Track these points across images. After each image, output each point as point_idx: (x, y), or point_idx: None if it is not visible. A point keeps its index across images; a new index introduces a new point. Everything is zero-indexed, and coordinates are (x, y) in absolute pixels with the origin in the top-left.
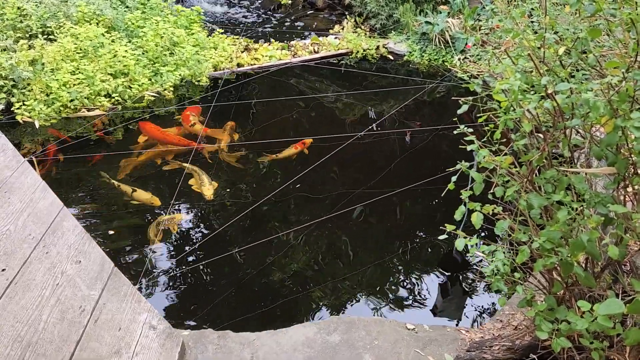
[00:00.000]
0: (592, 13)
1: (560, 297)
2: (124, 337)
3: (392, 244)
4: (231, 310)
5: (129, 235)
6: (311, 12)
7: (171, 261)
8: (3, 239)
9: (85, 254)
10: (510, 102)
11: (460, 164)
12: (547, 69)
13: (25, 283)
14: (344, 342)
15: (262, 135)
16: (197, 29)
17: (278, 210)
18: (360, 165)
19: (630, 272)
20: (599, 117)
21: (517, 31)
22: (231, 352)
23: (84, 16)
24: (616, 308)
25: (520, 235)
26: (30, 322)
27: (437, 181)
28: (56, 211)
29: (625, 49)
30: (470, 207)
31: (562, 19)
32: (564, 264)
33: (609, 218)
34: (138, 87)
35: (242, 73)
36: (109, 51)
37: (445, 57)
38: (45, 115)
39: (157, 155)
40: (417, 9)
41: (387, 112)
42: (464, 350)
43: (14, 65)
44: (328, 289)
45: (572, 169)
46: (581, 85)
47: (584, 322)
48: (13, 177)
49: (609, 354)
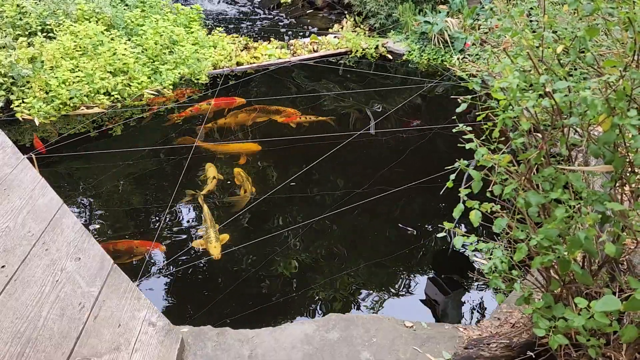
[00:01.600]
0: (590, 12)
1: (558, 295)
2: (124, 334)
3: (390, 242)
4: (230, 308)
5: (128, 231)
6: (310, 11)
7: (171, 258)
8: (2, 236)
9: (84, 251)
10: (509, 101)
11: (459, 162)
12: (546, 67)
13: (24, 280)
14: (342, 339)
15: (262, 134)
16: (197, 27)
17: (277, 208)
18: (359, 163)
19: (627, 270)
20: (597, 115)
21: (515, 30)
22: (230, 348)
23: (84, 14)
24: (613, 305)
25: (518, 233)
26: (30, 318)
27: (436, 180)
28: (55, 208)
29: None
30: (468, 205)
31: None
32: (562, 261)
33: (606, 216)
34: (137, 85)
35: (241, 72)
36: (108, 49)
37: (444, 56)
38: (45, 113)
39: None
40: (417, 8)
41: (386, 111)
42: (462, 347)
43: (14, 62)
44: (327, 287)
45: (569, 167)
46: (579, 83)
47: (581, 320)
48: (12, 175)
49: (605, 351)
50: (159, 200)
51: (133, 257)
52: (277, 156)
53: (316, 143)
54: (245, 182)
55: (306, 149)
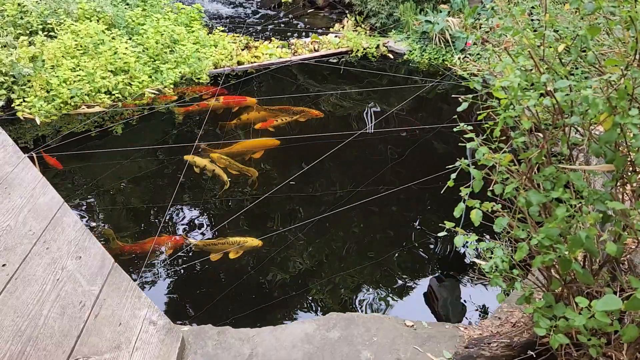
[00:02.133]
0: (591, 11)
1: (559, 294)
2: (124, 332)
3: (391, 241)
4: (231, 306)
5: (129, 230)
6: (311, 11)
7: (171, 257)
8: (3, 235)
9: (85, 250)
10: (510, 100)
11: (460, 161)
12: (547, 67)
13: (25, 278)
14: (343, 338)
15: (261, 133)
16: (198, 26)
17: (278, 207)
18: (360, 163)
19: (628, 269)
20: (598, 114)
21: (517, 29)
22: (231, 347)
23: (85, 13)
24: (614, 305)
25: (519, 233)
26: (30, 317)
27: (437, 179)
28: (56, 207)
29: (625, 47)
30: (469, 204)
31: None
32: (563, 260)
33: (607, 215)
34: (138, 85)
35: (242, 71)
36: (109, 48)
37: (445, 56)
38: (46, 112)
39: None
40: (418, 8)
41: (387, 110)
42: (463, 347)
43: (15, 61)
44: (327, 286)
45: (570, 167)
46: (580, 83)
47: (582, 319)
48: (13, 173)
49: (606, 350)
50: (160, 200)
51: (164, 253)
52: (277, 155)
53: (316, 142)
54: (242, 169)
55: (306, 148)
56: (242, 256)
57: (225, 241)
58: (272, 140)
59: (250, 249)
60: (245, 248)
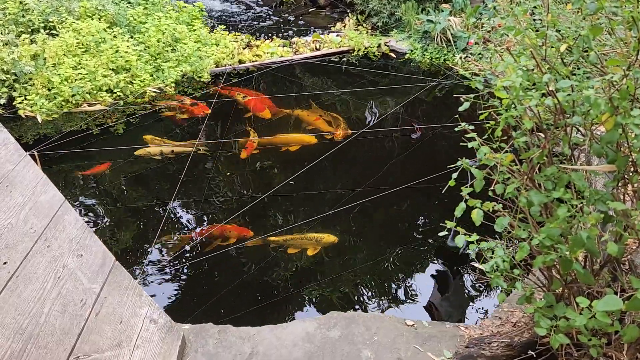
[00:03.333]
0: (593, 11)
1: (559, 294)
2: (125, 331)
3: (392, 241)
4: (232, 305)
5: (130, 229)
6: (313, 10)
7: (172, 256)
8: (5, 233)
9: (86, 248)
10: (512, 100)
11: (461, 160)
12: (549, 66)
13: (26, 276)
14: (343, 337)
15: (263, 132)
16: (199, 25)
17: (278, 207)
18: (360, 162)
19: (629, 270)
20: (600, 114)
21: (519, 29)
22: (231, 346)
23: (86, 11)
24: (614, 305)
25: (520, 232)
26: (31, 314)
27: (438, 179)
28: (57, 205)
29: (627, 47)
30: (470, 204)
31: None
32: (563, 261)
33: (608, 215)
34: (139, 83)
35: (243, 70)
36: (110, 47)
37: (446, 55)
38: (47, 110)
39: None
40: (419, 7)
41: (388, 110)
42: (463, 346)
43: (16, 59)
44: (328, 285)
45: (572, 167)
46: (582, 83)
47: (583, 319)
48: (15, 171)
49: (606, 351)
50: (161, 198)
51: (227, 242)
52: (277, 155)
53: (316, 142)
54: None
55: (307, 148)
56: (243, 255)
57: (303, 237)
58: (310, 137)
59: (327, 244)
60: (323, 244)
